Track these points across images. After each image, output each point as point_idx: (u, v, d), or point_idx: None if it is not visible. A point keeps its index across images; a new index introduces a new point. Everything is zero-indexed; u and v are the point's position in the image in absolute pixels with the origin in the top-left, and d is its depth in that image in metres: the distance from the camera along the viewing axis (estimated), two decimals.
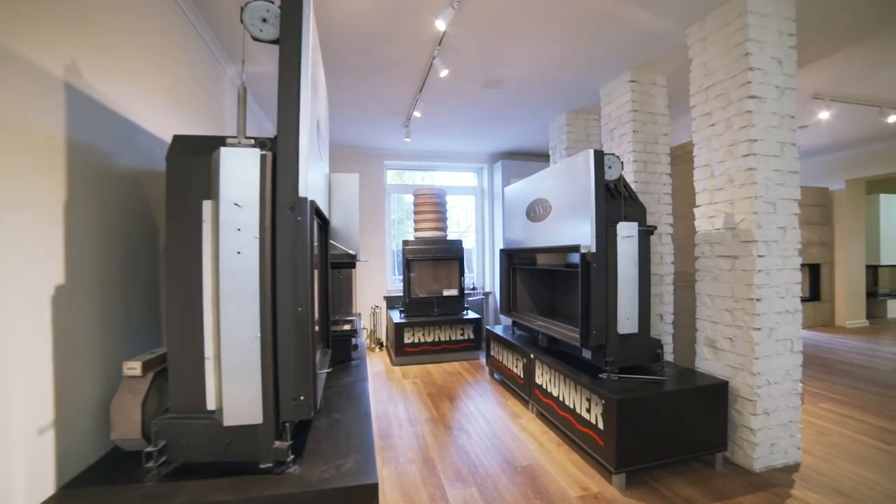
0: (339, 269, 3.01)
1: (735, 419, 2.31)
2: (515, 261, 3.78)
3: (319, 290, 2.33)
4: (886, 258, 7.10)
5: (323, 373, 1.97)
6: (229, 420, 1.31)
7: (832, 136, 5.45)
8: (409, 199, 5.50)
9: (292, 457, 1.38)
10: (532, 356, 3.10)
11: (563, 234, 2.76)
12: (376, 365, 4.69)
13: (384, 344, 5.57)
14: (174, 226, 1.39)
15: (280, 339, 1.36)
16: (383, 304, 5.67)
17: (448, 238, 5.15)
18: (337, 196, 2.73)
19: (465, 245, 5.32)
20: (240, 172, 1.33)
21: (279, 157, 1.37)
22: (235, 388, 1.32)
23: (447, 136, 5.04)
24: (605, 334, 2.41)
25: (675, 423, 2.19)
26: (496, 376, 4.03)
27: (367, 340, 5.58)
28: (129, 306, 1.64)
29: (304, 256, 1.39)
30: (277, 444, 1.35)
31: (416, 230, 5.11)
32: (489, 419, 3.05)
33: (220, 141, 1.37)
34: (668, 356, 3.12)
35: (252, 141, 1.38)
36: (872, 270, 7.18)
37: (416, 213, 5.14)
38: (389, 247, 5.87)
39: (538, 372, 3.00)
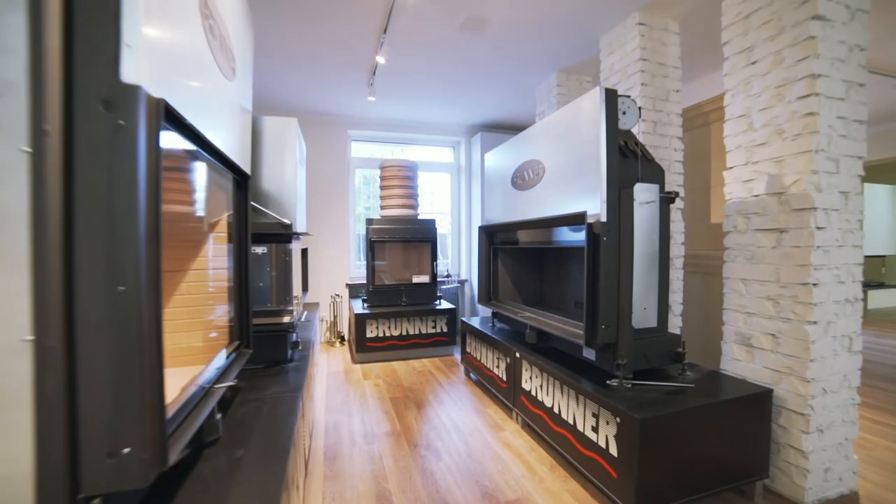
0: (272, 243, 2.35)
1: (779, 437, 1.81)
2: (497, 240, 3.20)
3: (235, 266, 1.69)
4: (868, 248, 6.95)
5: (220, 387, 1.34)
6: None
7: None
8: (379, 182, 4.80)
9: None
10: (517, 355, 2.53)
11: (562, 203, 2.18)
12: (335, 363, 4.04)
13: (346, 338, 4.92)
14: None
15: (81, 344, 0.74)
16: (345, 293, 5.01)
17: (419, 217, 4.52)
18: (266, 146, 2.06)
19: (439, 228, 4.71)
20: None
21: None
22: None
23: (419, 100, 4.38)
24: (616, 330, 1.86)
25: (710, 444, 1.67)
26: (473, 376, 3.46)
27: (327, 334, 4.91)
28: None
29: (132, 192, 0.75)
30: None
31: (382, 208, 4.45)
32: (464, 432, 2.48)
33: None
34: None
35: None
36: None
37: (382, 188, 4.47)
38: (353, 228, 5.19)
39: (525, 375, 2.44)
